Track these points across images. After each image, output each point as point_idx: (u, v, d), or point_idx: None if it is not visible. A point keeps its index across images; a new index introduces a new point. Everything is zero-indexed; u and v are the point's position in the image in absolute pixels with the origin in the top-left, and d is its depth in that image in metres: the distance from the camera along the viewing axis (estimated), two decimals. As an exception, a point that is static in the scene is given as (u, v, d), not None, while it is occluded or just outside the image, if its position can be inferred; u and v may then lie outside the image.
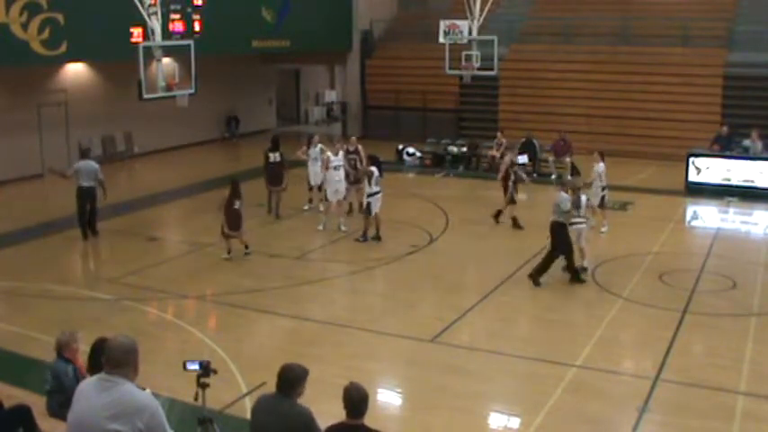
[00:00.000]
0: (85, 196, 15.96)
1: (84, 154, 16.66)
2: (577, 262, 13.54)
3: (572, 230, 13.35)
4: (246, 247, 14.81)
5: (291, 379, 5.55)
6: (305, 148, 18.52)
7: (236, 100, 29.96)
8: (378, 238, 15.94)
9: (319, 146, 18.20)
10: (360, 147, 17.81)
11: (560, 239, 13.08)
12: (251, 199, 16.79)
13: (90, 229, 16.27)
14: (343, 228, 16.57)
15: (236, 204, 14.52)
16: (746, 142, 20.82)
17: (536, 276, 13.18)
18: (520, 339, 11.32)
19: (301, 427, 5.52)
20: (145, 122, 24.67)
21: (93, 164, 16.23)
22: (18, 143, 21.60)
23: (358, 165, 17.19)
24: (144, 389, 4.62)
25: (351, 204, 18.00)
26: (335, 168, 16.54)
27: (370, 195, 15.73)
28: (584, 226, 13.61)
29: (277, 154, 17.88)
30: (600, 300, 12.69)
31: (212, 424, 6.80)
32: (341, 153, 16.80)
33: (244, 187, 15.19)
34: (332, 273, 14.29)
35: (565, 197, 13.09)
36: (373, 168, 15.83)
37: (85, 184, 15.90)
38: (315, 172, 18.13)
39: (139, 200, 19.76)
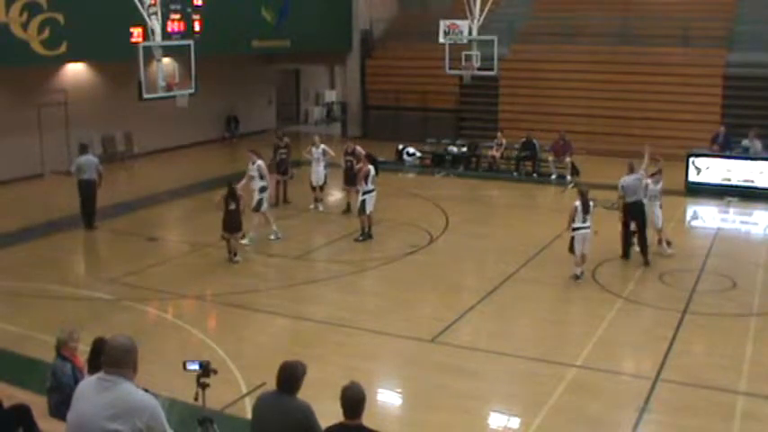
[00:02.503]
0: (87, 188, 16.61)
1: (84, 149, 17.18)
2: (576, 268, 13.51)
3: (578, 236, 13.31)
4: (235, 254, 14.56)
5: (294, 376, 5.63)
6: (310, 147, 18.67)
7: (236, 100, 29.95)
8: (370, 236, 15.94)
9: (322, 146, 18.40)
10: (358, 148, 17.80)
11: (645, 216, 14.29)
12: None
13: (90, 222, 16.70)
14: (277, 234, 15.96)
15: (232, 206, 14.46)
16: (745, 142, 20.82)
17: (646, 256, 14.19)
18: (520, 339, 11.32)
19: (302, 420, 5.58)
20: (145, 122, 24.66)
21: (92, 158, 16.97)
22: (18, 143, 21.58)
23: (355, 166, 17.22)
24: (147, 390, 4.62)
25: (348, 204, 18.06)
26: (254, 179, 15.72)
27: (365, 193, 15.75)
28: (589, 231, 13.60)
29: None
30: (600, 300, 12.69)
31: (212, 424, 6.80)
32: (259, 162, 15.84)
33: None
34: (332, 273, 14.29)
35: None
36: (370, 167, 15.85)
37: (86, 176, 16.56)
38: (317, 172, 18.45)
39: (139, 200, 19.76)
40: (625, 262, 14.55)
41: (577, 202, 13.35)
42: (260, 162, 15.88)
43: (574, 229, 13.35)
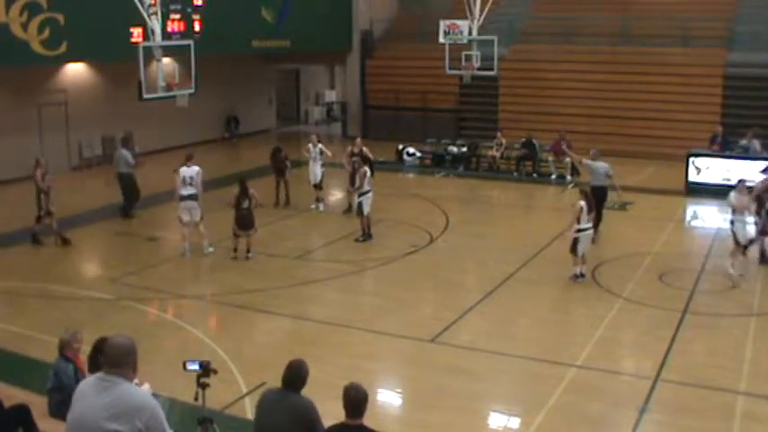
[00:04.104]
0: (119, 180, 17.90)
1: (123, 143, 18.30)
2: (576, 268, 13.49)
3: (582, 237, 13.27)
4: (248, 250, 14.79)
5: (300, 375, 5.75)
6: (308, 146, 18.81)
7: (236, 100, 29.95)
8: (369, 236, 15.95)
9: (319, 146, 18.49)
10: (365, 149, 17.79)
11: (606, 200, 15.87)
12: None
13: (125, 212, 17.92)
14: (208, 248, 15.09)
15: (245, 204, 14.58)
16: (743, 143, 20.81)
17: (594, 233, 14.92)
18: (520, 339, 11.32)
19: (305, 416, 5.66)
20: (145, 122, 24.64)
21: (123, 152, 18.02)
22: (18, 143, 21.57)
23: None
24: (140, 385, 4.61)
25: (350, 204, 18.08)
26: (187, 184, 15.05)
27: (361, 195, 15.77)
28: (591, 232, 13.59)
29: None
30: (600, 300, 12.69)
31: (212, 424, 6.80)
32: (194, 168, 15.16)
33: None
34: (332, 273, 14.28)
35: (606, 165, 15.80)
36: (365, 168, 15.86)
37: (120, 170, 17.88)
38: (314, 171, 18.56)
39: (140, 200, 19.71)
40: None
41: (582, 203, 13.29)
42: (182, 168, 15.05)
43: (578, 230, 13.30)
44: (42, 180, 15.57)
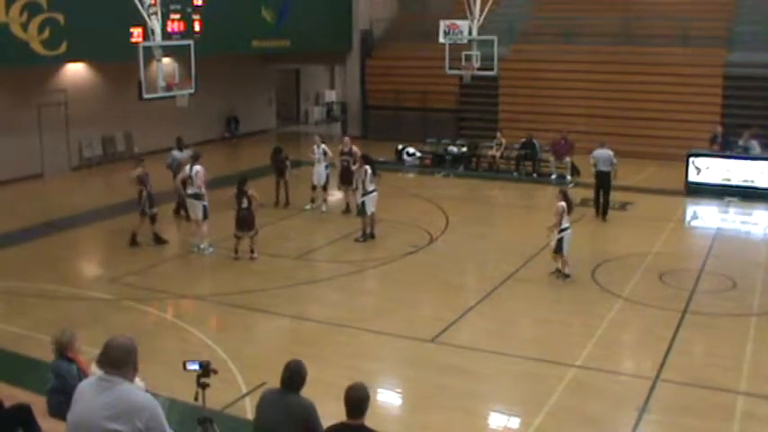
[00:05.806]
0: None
1: (178, 144, 18.64)
2: (554, 267, 13.46)
3: (566, 236, 13.26)
4: (252, 251, 14.73)
5: (299, 375, 5.75)
6: (312, 147, 18.84)
7: (236, 100, 29.94)
8: (372, 236, 15.94)
9: (323, 146, 18.48)
10: (354, 147, 17.82)
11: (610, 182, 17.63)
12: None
13: (184, 210, 17.60)
14: (208, 249, 15.19)
15: (244, 204, 14.56)
16: (741, 143, 20.82)
17: (605, 215, 17.61)
18: (520, 339, 11.31)
19: (304, 416, 5.66)
20: (145, 122, 24.65)
21: (175, 153, 18.34)
22: (18, 143, 21.58)
23: (352, 166, 17.21)
24: (146, 391, 4.61)
25: (348, 204, 18.08)
26: (189, 184, 15.34)
27: (364, 194, 15.76)
28: (571, 231, 13.58)
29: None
30: (600, 300, 12.69)
31: (212, 424, 6.80)
32: (195, 167, 15.35)
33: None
34: (332, 273, 14.28)
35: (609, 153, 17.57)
36: (366, 167, 15.84)
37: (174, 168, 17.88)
38: (318, 172, 18.54)
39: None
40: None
41: (563, 203, 13.33)
42: (185, 167, 15.47)
43: (562, 230, 13.31)
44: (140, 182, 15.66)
